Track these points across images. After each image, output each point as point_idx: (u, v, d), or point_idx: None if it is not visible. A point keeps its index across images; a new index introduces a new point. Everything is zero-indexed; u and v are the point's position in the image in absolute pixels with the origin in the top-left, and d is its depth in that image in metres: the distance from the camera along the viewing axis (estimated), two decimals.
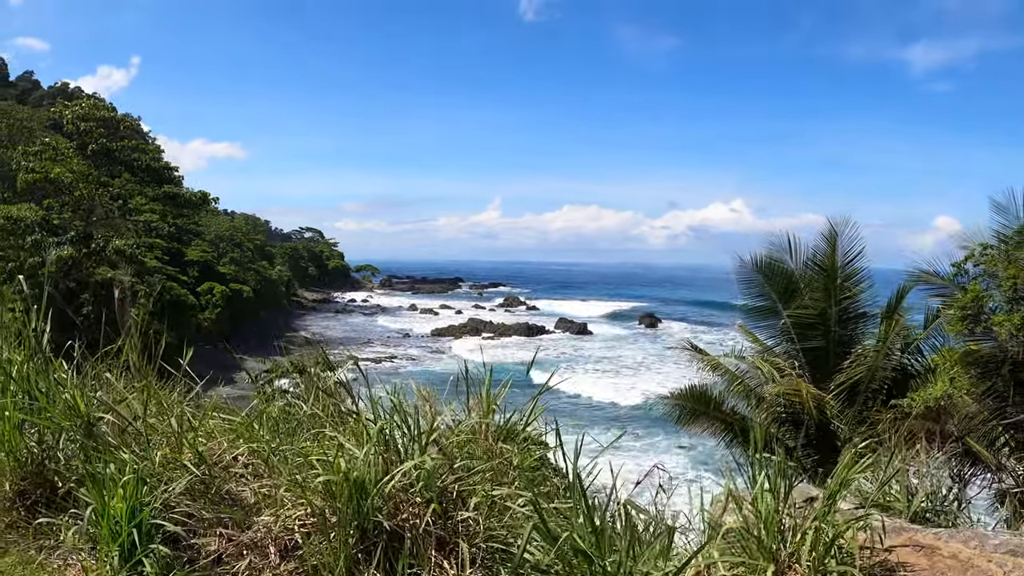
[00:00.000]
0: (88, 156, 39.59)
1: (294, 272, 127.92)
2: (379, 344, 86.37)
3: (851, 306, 18.02)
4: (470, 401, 5.33)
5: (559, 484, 5.01)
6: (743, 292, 19.05)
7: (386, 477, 3.84)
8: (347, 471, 3.79)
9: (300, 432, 5.03)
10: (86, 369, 5.24)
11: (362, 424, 4.40)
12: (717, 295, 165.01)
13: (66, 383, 4.76)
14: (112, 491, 3.81)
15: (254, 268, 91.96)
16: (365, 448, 3.93)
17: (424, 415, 5.00)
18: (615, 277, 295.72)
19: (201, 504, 4.12)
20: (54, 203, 41.53)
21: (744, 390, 18.18)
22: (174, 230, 71.28)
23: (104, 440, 4.35)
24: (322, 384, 6.10)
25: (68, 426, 4.37)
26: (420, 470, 3.89)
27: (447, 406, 5.31)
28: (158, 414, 4.72)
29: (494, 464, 4.43)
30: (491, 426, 4.97)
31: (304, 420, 5.28)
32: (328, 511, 3.85)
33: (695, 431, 19.06)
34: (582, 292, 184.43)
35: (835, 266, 17.88)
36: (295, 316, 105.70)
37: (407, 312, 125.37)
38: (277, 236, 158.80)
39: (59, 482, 4.37)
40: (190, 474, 4.05)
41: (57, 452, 4.44)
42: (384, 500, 3.83)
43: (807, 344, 17.89)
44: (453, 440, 4.44)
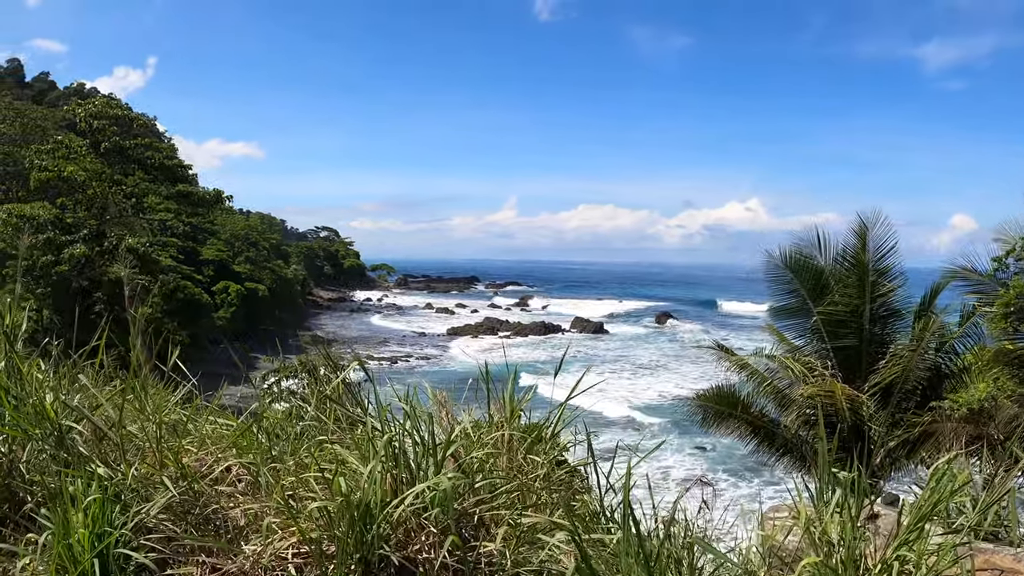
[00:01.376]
0: (101, 154, 39.25)
1: (310, 271, 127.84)
2: (394, 343, 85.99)
3: (885, 303, 17.37)
4: (491, 407, 4.77)
5: (590, 502, 4.42)
6: (771, 289, 18.45)
7: (396, 500, 3.25)
8: (348, 493, 3.22)
9: (302, 441, 4.49)
10: (64, 370, 4.71)
11: (368, 434, 3.83)
12: (732, 294, 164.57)
13: (39, 386, 4.22)
14: (75, 511, 3.28)
15: (269, 267, 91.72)
16: (371, 464, 3.35)
17: (440, 423, 4.46)
18: (630, 276, 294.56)
19: (182, 527, 3.57)
20: (67, 201, 41.26)
21: (773, 391, 17.55)
22: (189, 229, 71.18)
23: (76, 451, 3.80)
24: (328, 386, 5.58)
25: (37, 435, 3.82)
26: (435, 492, 3.31)
27: (465, 412, 4.76)
28: (140, 420, 4.17)
29: (522, 483, 3.87)
30: (515, 436, 4.41)
31: (308, 427, 4.75)
32: (326, 540, 3.27)
33: (721, 433, 18.41)
34: (597, 291, 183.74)
35: (867, 262, 17.27)
36: (311, 315, 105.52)
37: (423, 311, 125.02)
38: (293, 235, 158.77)
39: (27, 496, 3.84)
40: (169, 491, 3.50)
41: (23, 464, 3.90)
42: (392, 528, 3.24)
43: (839, 343, 17.27)
44: (475, 455, 3.86)
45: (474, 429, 4.39)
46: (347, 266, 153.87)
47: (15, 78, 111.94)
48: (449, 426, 4.17)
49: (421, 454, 3.56)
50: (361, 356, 27.41)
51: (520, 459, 4.24)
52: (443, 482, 3.26)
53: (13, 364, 4.28)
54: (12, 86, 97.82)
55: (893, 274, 17.52)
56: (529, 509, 3.69)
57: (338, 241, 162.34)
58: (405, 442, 3.70)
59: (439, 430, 4.02)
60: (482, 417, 4.70)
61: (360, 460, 3.56)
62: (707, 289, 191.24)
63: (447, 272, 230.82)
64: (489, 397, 4.73)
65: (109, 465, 3.75)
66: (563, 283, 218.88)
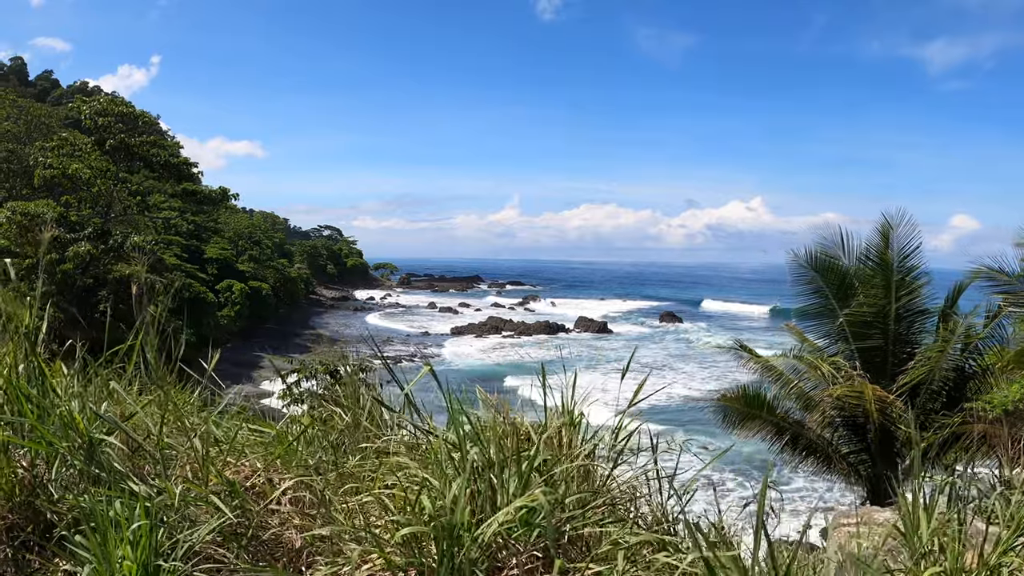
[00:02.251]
0: (106, 152, 38.81)
1: (313, 270, 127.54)
2: (398, 343, 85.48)
3: (911, 303, 17.03)
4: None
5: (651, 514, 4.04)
6: (795, 289, 18.10)
7: (488, 520, 2.86)
8: (436, 513, 2.84)
9: (344, 451, 4.11)
10: (90, 375, 4.32)
11: (440, 446, 3.44)
12: (736, 294, 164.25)
13: (64, 393, 3.82)
14: (118, 538, 2.89)
15: (273, 266, 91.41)
16: (459, 481, 2.95)
17: (504, 431, 4.08)
18: (634, 276, 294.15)
19: (234, 551, 3.18)
20: (72, 199, 40.89)
21: (798, 393, 17.22)
22: (193, 227, 70.84)
23: (109, 466, 3.41)
24: (358, 389, 5.22)
25: (64, 448, 3.42)
26: (526, 509, 2.93)
27: (517, 415, 4.39)
28: (177, 432, 3.80)
29: (609, 496, 3.51)
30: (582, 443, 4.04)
31: (347, 435, 4.37)
32: (412, 568, 2.87)
33: (744, 435, 18.04)
34: (601, 291, 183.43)
35: (892, 261, 16.96)
36: (314, 314, 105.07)
37: (426, 310, 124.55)
38: (296, 234, 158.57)
39: (54, 517, 3.44)
40: (221, 512, 3.11)
41: (50, 480, 3.50)
42: (482, 551, 2.88)
43: (864, 343, 16.91)
44: (564, 466, 3.48)
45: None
46: (350, 265, 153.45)
47: (18, 76, 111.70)
48: (523, 435, 3.78)
49: (503, 467, 3.18)
50: (366, 355, 26.80)
51: (590, 467, 3.88)
52: (539, 498, 2.87)
53: (35, 368, 3.89)
54: (15, 84, 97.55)
55: (918, 274, 17.18)
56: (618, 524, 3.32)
57: (341, 240, 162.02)
58: (477, 453, 3.33)
59: (510, 441, 3.65)
60: (535, 421, 4.34)
61: (433, 475, 3.20)
62: (711, 288, 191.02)
63: (450, 271, 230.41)
64: (546, 401, 4.40)
65: (147, 482, 3.38)
66: (565, 282, 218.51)
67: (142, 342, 4.85)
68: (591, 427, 4.42)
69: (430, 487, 3.07)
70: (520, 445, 3.53)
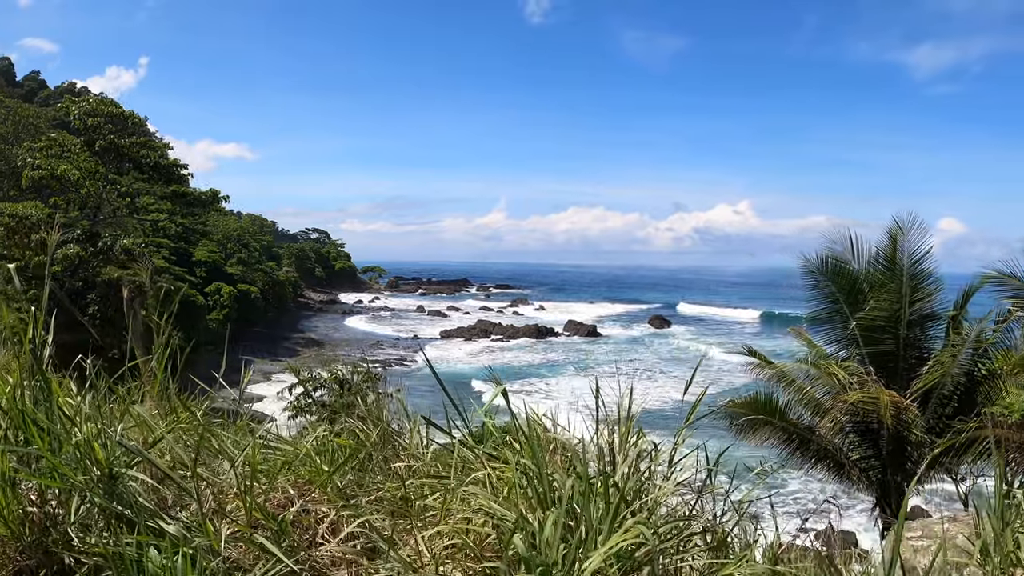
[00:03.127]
0: (95, 153, 38.26)
1: (301, 273, 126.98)
2: (388, 346, 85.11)
3: (923, 308, 16.80)
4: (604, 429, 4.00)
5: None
6: (807, 294, 17.83)
7: (587, 561, 2.46)
8: (529, 556, 2.44)
9: (386, 474, 3.70)
10: (101, 392, 3.89)
11: (512, 472, 3.04)
12: (724, 298, 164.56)
13: (76, 416, 3.37)
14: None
15: (261, 269, 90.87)
16: (553, 515, 2.56)
17: (569, 451, 3.69)
18: (622, 279, 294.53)
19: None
20: (60, 201, 40.31)
21: (809, 399, 16.95)
22: (181, 230, 70.22)
23: (134, 502, 2.98)
24: (381, 400, 4.81)
25: (81, 482, 2.98)
26: (625, 545, 2.54)
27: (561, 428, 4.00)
28: (212, 459, 3.39)
29: (703, 522, 3.13)
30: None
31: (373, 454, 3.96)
32: None
33: (754, 442, 17.73)
34: (589, 294, 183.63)
35: (904, 266, 16.75)
36: (302, 317, 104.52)
37: (415, 313, 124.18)
38: (284, 237, 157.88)
39: (71, 561, 3.01)
40: (275, 560, 2.70)
41: (65, 518, 3.07)
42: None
43: (875, 349, 16.64)
44: (657, 494, 3.09)
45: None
46: (338, 268, 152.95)
47: (5, 77, 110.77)
48: (597, 457, 3.39)
49: (592, 497, 2.78)
50: (355, 359, 26.30)
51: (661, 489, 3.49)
52: (643, 532, 2.49)
53: (42, 388, 3.43)
54: (2, 85, 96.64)
55: (930, 278, 16.96)
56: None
57: (329, 243, 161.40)
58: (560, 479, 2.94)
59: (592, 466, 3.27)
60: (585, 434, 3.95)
61: (504, 505, 2.81)
62: (699, 292, 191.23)
63: (437, 274, 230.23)
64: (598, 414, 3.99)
65: (178, 519, 2.97)
66: (553, 286, 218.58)
67: (157, 355, 4.47)
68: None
69: (517, 522, 2.67)
70: (629, 473, 3.16)
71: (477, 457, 3.59)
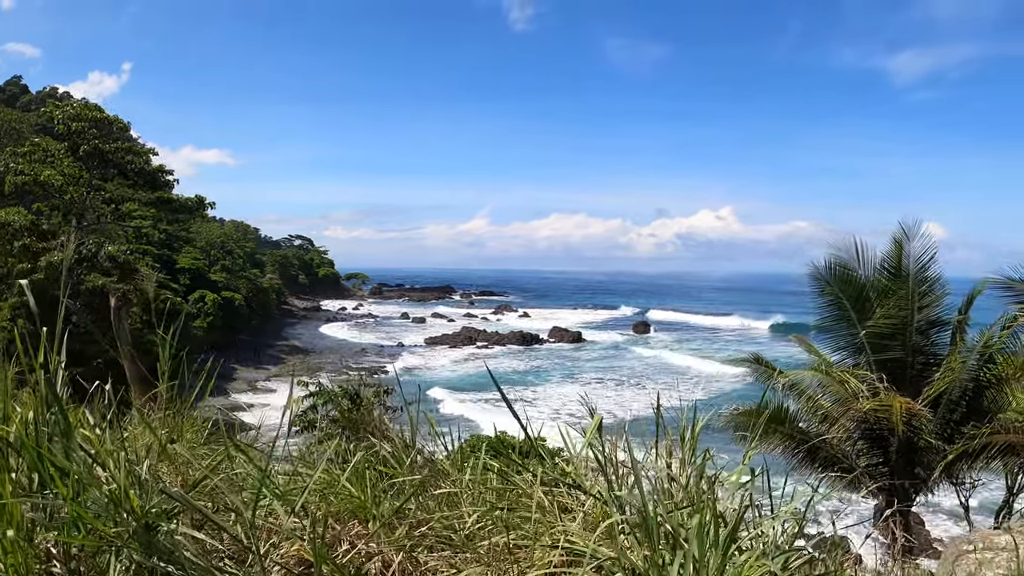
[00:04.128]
0: (79, 158, 37.69)
1: (284, 280, 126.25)
2: (372, 354, 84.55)
3: (931, 314, 16.72)
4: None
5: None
6: (816, 301, 17.69)
7: None
8: None
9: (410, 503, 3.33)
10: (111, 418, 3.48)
11: (601, 503, 2.75)
12: (708, 304, 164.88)
13: (100, 454, 2.90)
14: None
15: (245, 276, 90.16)
16: (678, 559, 2.28)
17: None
18: (605, 285, 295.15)
19: None
20: (44, 207, 39.70)
21: (818, 407, 16.79)
22: (164, 236, 69.52)
23: (180, 557, 2.57)
24: (416, 418, 4.49)
25: (112, 535, 2.55)
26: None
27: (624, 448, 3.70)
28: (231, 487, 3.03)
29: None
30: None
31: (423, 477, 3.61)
32: None
33: (766, 450, 17.51)
34: (573, 300, 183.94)
35: (910, 272, 16.69)
36: (286, 325, 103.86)
37: (399, 321, 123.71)
38: (267, 244, 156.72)
39: None
40: None
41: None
42: None
43: (884, 355, 16.51)
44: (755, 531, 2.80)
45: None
46: (321, 275, 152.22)
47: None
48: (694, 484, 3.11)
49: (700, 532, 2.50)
50: (340, 367, 25.95)
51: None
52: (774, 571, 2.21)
53: (58, 423, 2.90)
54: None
55: (939, 284, 16.90)
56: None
57: (312, 249, 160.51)
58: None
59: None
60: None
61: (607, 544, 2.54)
62: (681, 298, 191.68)
63: (421, 281, 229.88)
64: (659, 433, 3.70)
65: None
66: (537, 292, 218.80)
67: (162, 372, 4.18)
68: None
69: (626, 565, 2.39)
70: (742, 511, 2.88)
71: (527, 482, 3.33)
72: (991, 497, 21.48)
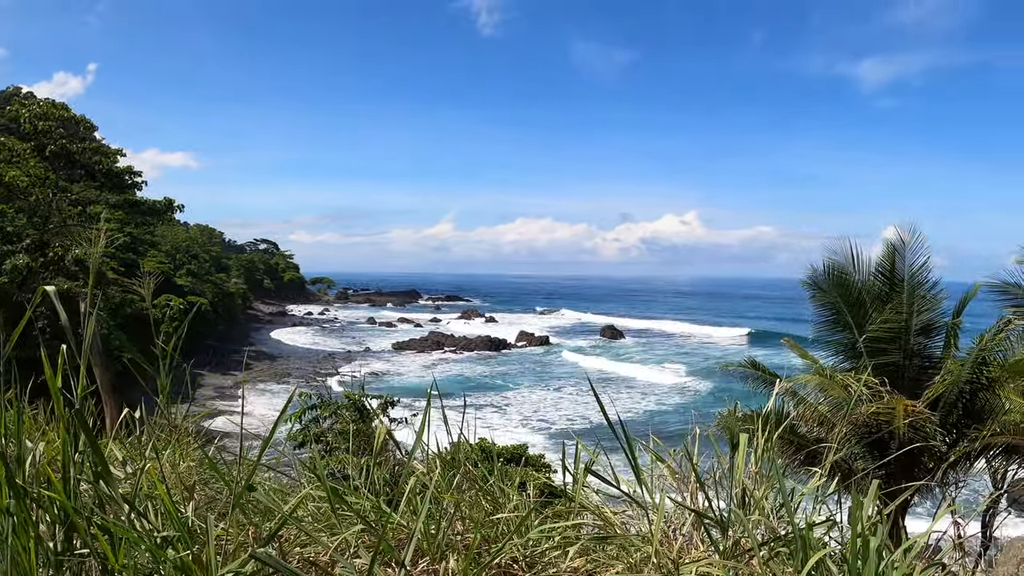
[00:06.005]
0: (45, 158, 36.74)
1: (250, 285, 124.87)
2: (340, 360, 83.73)
3: (928, 318, 16.72)
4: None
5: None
6: (813, 306, 17.66)
7: None
8: None
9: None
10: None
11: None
12: (671, 309, 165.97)
13: (137, 499, 2.47)
14: None
15: (211, 280, 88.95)
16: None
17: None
18: (571, 289, 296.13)
19: None
20: (8, 209, 38.69)
21: (813, 411, 16.70)
22: (129, 240, 68.28)
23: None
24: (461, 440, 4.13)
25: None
26: None
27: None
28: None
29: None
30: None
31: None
32: None
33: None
34: (540, 304, 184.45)
35: (905, 276, 16.74)
36: (252, 330, 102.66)
37: (365, 326, 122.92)
38: (231, 248, 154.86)
39: None
40: None
41: None
42: None
43: (881, 359, 16.47)
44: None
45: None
46: (287, 279, 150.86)
47: None
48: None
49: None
50: (308, 373, 25.49)
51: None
52: None
53: (92, 459, 2.44)
54: None
55: (937, 287, 16.93)
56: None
57: (278, 254, 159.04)
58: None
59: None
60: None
61: None
62: (647, 302, 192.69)
63: (386, 286, 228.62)
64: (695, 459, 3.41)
65: None
66: (503, 297, 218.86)
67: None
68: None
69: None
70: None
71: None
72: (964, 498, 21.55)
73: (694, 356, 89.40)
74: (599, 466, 3.24)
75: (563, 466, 3.39)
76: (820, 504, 3.14)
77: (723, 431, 13.45)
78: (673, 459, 3.30)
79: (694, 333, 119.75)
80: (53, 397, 2.49)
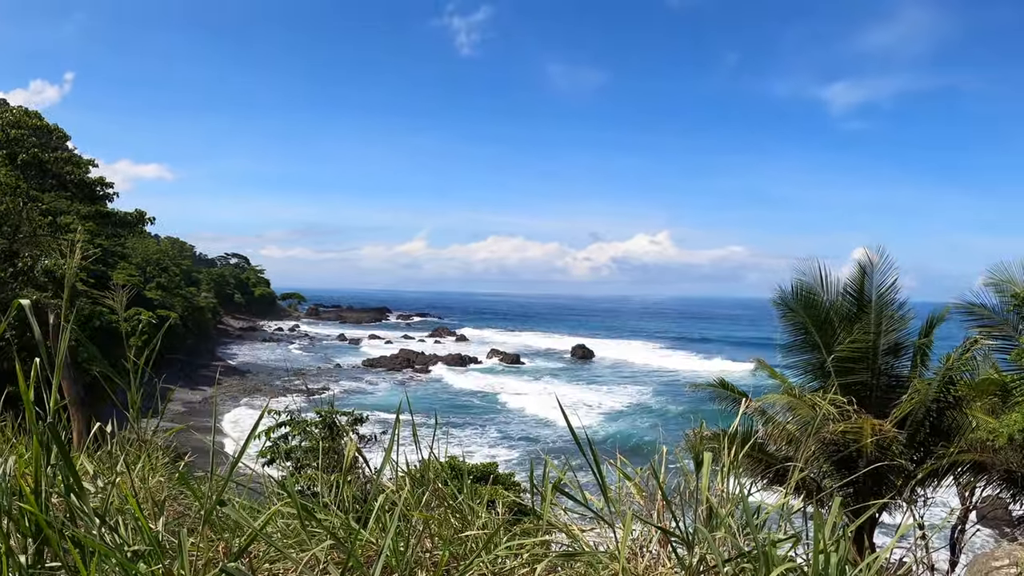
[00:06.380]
0: (17, 166, 36.38)
1: (220, 299, 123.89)
2: (310, 376, 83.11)
3: (896, 337, 16.98)
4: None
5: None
6: (781, 326, 17.83)
7: None
8: None
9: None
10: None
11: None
12: (643, 328, 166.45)
13: (108, 512, 2.49)
14: None
15: (181, 294, 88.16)
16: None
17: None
18: (541, 308, 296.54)
19: None
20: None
21: (781, 430, 16.84)
22: (99, 252, 67.63)
23: None
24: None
25: None
26: None
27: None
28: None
29: None
30: None
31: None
32: None
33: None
34: (510, 323, 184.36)
35: (873, 296, 17.05)
36: (221, 344, 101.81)
37: (336, 342, 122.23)
38: (202, 262, 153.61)
39: None
40: None
41: None
42: None
43: (849, 379, 16.70)
44: None
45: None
46: (258, 294, 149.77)
47: None
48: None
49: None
50: (278, 389, 25.41)
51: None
52: None
53: (67, 477, 2.43)
54: None
55: (904, 307, 17.23)
56: None
57: (249, 268, 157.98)
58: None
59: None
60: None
61: None
62: (619, 320, 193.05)
63: (357, 302, 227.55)
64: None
65: None
66: (474, 314, 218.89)
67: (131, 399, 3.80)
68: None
69: None
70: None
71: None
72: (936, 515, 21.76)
73: (663, 377, 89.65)
74: (567, 484, 3.29)
75: (531, 484, 3.44)
76: (785, 520, 3.20)
77: (690, 450, 13.60)
78: (640, 477, 3.35)
79: (668, 356, 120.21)
80: (26, 410, 2.47)
